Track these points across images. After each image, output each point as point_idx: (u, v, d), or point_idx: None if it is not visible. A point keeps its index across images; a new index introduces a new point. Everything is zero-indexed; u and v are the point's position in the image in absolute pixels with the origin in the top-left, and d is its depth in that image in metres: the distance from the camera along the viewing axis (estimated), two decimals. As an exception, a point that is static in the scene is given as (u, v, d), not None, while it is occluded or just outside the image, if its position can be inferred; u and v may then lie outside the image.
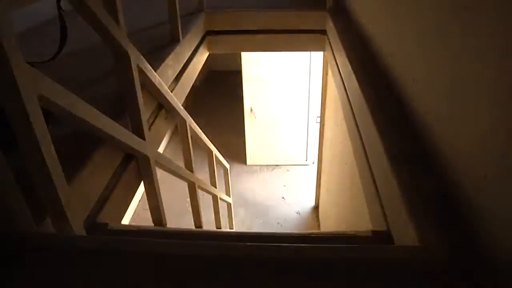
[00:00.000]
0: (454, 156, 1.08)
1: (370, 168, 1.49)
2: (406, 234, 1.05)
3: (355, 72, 1.87)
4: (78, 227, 1.11)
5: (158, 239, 1.11)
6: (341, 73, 2.34)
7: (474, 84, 0.98)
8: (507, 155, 0.82)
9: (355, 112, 1.86)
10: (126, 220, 4.68)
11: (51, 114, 1.08)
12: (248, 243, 0.94)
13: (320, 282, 0.85)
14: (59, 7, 1.41)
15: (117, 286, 0.87)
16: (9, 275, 0.88)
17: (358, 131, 1.74)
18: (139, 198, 5.38)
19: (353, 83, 1.86)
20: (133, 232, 1.55)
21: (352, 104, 1.95)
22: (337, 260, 0.90)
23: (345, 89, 2.17)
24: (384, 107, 1.52)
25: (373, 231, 1.27)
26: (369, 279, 0.85)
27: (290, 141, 6.21)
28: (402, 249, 1.07)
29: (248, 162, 6.46)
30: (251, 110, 6.03)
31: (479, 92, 0.95)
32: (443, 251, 0.93)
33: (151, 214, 1.84)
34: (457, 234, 0.96)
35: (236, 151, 6.29)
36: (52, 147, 0.99)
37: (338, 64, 2.48)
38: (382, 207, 1.31)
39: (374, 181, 1.42)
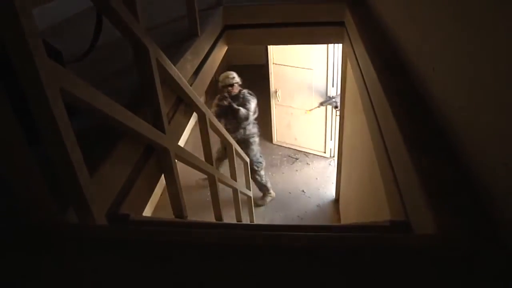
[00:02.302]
0: (474, 144, 1.07)
1: (389, 158, 1.48)
2: (424, 222, 1.05)
3: (373, 62, 1.86)
4: (100, 218, 1.14)
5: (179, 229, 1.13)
6: (360, 64, 2.33)
7: (494, 73, 0.97)
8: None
9: (373, 103, 1.86)
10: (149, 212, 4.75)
11: (74, 108, 1.11)
12: (263, 231, 0.95)
13: (332, 269, 0.86)
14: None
15: (139, 276, 0.89)
16: (39, 263, 0.91)
17: (377, 122, 1.74)
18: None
19: (371, 74, 1.85)
20: (155, 223, 1.57)
21: (370, 95, 1.94)
22: (353, 249, 0.91)
23: (363, 80, 2.16)
24: (403, 97, 1.52)
25: (391, 221, 1.27)
26: (386, 267, 0.86)
27: (308, 131, 6.32)
28: (420, 237, 1.06)
29: (274, 141, 6.80)
30: (276, 91, 6.23)
31: (499, 80, 0.95)
32: (462, 239, 0.92)
33: (172, 206, 1.87)
34: (477, 222, 0.95)
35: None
36: (75, 140, 1.02)
37: (357, 55, 2.47)
38: (401, 197, 1.31)
39: (393, 171, 1.42)
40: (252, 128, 5.14)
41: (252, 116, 5.02)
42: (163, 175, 1.77)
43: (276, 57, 6.03)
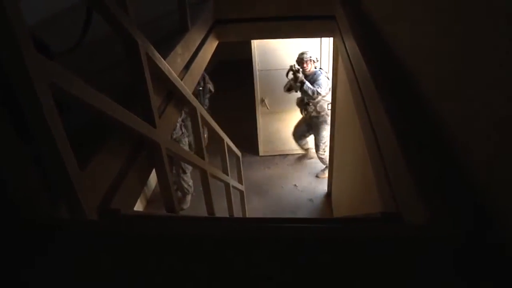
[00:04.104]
0: (464, 137, 1.08)
1: (380, 151, 1.49)
2: (415, 214, 1.05)
3: (363, 55, 1.87)
4: (91, 213, 1.13)
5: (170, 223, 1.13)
6: (350, 57, 2.33)
7: (484, 66, 0.98)
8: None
9: (364, 95, 1.86)
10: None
11: (64, 103, 1.11)
12: (253, 224, 0.95)
13: (321, 259, 0.86)
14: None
15: (130, 270, 0.89)
16: (31, 259, 0.91)
17: (368, 115, 1.74)
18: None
19: (361, 67, 1.85)
20: (145, 218, 1.57)
21: (361, 88, 1.95)
22: (343, 239, 0.91)
23: (354, 73, 2.16)
24: (393, 89, 1.52)
25: (382, 213, 1.28)
26: (376, 257, 0.86)
27: None
28: (411, 227, 1.07)
29: (261, 153, 6.46)
30: (263, 100, 6.00)
31: (488, 74, 0.95)
32: (452, 230, 0.93)
33: (163, 200, 1.87)
34: (466, 213, 0.96)
35: (248, 141, 6.28)
36: (65, 135, 1.01)
37: (347, 48, 2.47)
38: (392, 189, 1.32)
39: (384, 163, 1.43)
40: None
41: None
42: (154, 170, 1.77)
43: (261, 63, 5.72)
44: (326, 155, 5.56)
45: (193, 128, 2.48)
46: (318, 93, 5.01)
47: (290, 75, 5.10)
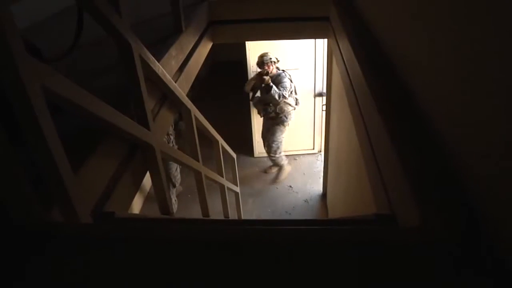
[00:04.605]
0: (457, 138, 1.08)
1: (374, 152, 1.49)
2: (408, 215, 1.06)
3: (357, 57, 1.87)
4: (85, 216, 1.13)
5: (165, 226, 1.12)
6: (344, 59, 2.34)
7: (477, 67, 0.98)
8: (509, 134, 0.82)
9: (358, 97, 1.86)
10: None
11: (57, 106, 1.10)
12: (248, 226, 0.95)
13: (315, 261, 0.86)
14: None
15: (125, 273, 0.88)
16: (24, 263, 0.91)
17: (362, 116, 1.75)
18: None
19: (355, 68, 1.86)
20: (140, 220, 1.57)
21: (355, 89, 1.95)
22: (337, 241, 0.91)
23: (348, 74, 2.17)
24: (386, 91, 1.52)
25: (376, 214, 1.28)
26: (367, 259, 0.87)
27: (297, 130, 6.14)
28: (404, 230, 1.07)
29: (256, 154, 6.46)
30: None
31: (481, 74, 0.96)
32: (445, 232, 0.93)
33: (158, 203, 1.86)
34: (460, 215, 0.96)
35: (243, 142, 6.28)
36: (58, 138, 1.01)
37: (341, 50, 2.48)
38: (386, 191, 1.32)
39: (378, 165, 1.43)
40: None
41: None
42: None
43: (255, 64, 5.52)
44: (278, 156, 5.60)
45: (187, 130, 2.47)
46: (284, 97, 5.02)
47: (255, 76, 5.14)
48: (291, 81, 5.17)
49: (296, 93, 5.33)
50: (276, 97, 4.98)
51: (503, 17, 0.85)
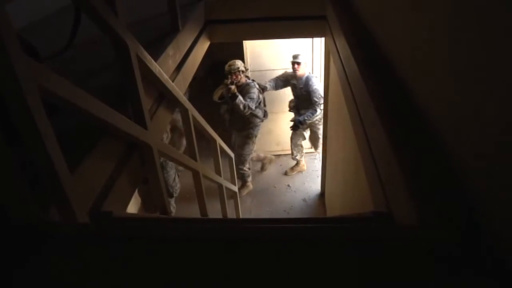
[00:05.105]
0: (453, 134, 1.08)
1: (371, 151, 1.50)
2: (405, 213, 1.06)
3: (354, 56, 1.87)
4: (82, 216, 1.13)
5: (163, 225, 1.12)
6: (341, 57, 2.34)
7: (474, 66, 0.98)
8: (506, 132, 0.83)
9: (355, 95, 1.87)
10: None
11: (53, 106, 1.10)
12: (246, 225, 0.95)
13: (311, 260, 0.86)
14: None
15: (122, 273, 0.88)
16: (21, 262, 0.91)
17: (359, 114, 1.75)
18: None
19: (352, 67, 1.86)
20: (138, 220, 1.57)
21: (352, 88, 1.95)
22: (334, 239, 0.91)
23: (345, 73, 2.17)
24: (383, 88, 1.52)
25: (373, 212, 1.28)
26: (366, 258, 0.87)
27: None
28: (401, 228, 1.08)
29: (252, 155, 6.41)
30: None
31: (478, 73, 0.96)
32: (442, 229, 0.94)
33: (155, 202, 1.86)
34: (457, 213, 0.96)
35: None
36: (54, 138, 1.01)
37: (338, 48, 2.48)
38: (383, 188, 1.32)
39: (375, 163, 1.43)
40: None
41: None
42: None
43: (253, 64, 5.68)
44: (245, 170, 5.44)
45: (185, 130, 2.47)
46: (250, 108, 4.85)
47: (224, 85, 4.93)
48: (260, 92, 5.02)
49: (265, 105, 5.18)
50: (241, 107, 4.78)
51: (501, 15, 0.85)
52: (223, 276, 0.85)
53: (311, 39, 5.39)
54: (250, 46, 5.55)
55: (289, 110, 5.42)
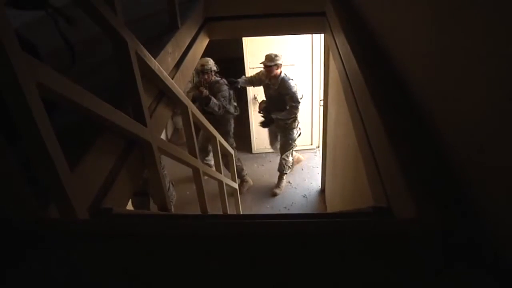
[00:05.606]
0: (451, 129, 1.09)
1: (371, 147, 1.50)
2: (405, 208, 1.06)
3: (354, 52, 1.87)
4: (82, 213, 1.13)
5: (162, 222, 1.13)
6: (341, 53, 2.34)
7: (471, 60, 0.98)
8: (503, 127, 0.83)
9: (354, 91, 1.87)
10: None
11: (52, 103, 1.10)
12: (246, 220, 0.95)
13: (310, 253, 0.87)
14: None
15: (122, 269, 0.89)
16: (21, 259, 0.91)
17: (358, 110, 1.75)
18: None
19: (352, 63, 1.86)
20: (137, 216, 1.57)
21: (352, 84, 1.95)
22: (334, 233, 0.92)
23: (345, 70, 2.17)
24: (383, 85, 1.53)
25: (373, 207, 1.28)
26: (365, 252, 0.87)
27: None
28: (400, 222, 1.08)
29: (254, 150, 6.45)
30: (255, 97, 5.96)
31: (476, 67, 0.96)
32: (440, 224, 0.94)
33: (155, 199, 1.87)
34: (455, 207, 0.97)
35: (241, 138, 6.27)
36: (54, 135, 1.01)
37: (338, 45, 2.48)
38: (382, 184, 1.33)
39: (374, 159, 1.43)
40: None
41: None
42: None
43: (252, 61, 5.65)
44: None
45: (184, 127, 2.47)
46: (224, 107, 4.81)
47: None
48: (228, 87, 4.96)
49: (235, 100, 5.12)
50: (216, 109, 4.76)
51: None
52: (225, 271, 0.86)
53: (310, 35, 5.38)
54: (250, 43, 5.55)
55: (259, 112, 5.29)
